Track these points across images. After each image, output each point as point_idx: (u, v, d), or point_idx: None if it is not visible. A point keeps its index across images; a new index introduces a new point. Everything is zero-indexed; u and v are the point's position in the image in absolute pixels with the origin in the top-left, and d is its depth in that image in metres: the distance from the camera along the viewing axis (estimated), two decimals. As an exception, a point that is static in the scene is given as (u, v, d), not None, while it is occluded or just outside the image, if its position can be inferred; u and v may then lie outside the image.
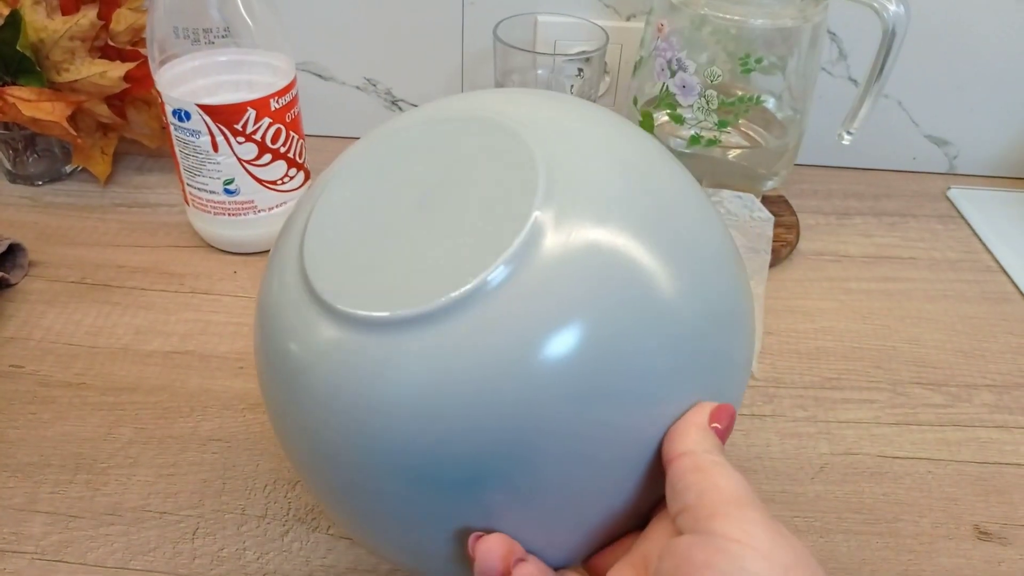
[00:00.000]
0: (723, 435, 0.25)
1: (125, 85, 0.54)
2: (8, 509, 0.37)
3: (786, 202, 0.60)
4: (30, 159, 0.59)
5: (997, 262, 0.57)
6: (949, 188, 0.64)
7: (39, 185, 0.59)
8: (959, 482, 0.41)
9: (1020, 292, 0.54)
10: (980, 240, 0.59)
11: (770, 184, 0.56)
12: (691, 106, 0.51)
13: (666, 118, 0.53)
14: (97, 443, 0.41)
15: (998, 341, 0.50)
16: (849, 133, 0.52)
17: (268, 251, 0.54)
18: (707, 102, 0.50)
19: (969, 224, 0.61)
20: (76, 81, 0.54)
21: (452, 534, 0.26)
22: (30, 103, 0.52)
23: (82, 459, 0.40)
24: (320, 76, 0.65)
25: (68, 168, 0.60)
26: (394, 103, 0.66)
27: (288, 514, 0.38)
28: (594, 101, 0.55)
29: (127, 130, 0.59)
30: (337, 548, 0.36)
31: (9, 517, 0.37)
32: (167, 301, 0.50)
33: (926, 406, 0.45)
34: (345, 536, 0.37)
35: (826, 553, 0.37)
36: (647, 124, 0.53)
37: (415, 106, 0.65)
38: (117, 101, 0.57)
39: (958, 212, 0.62)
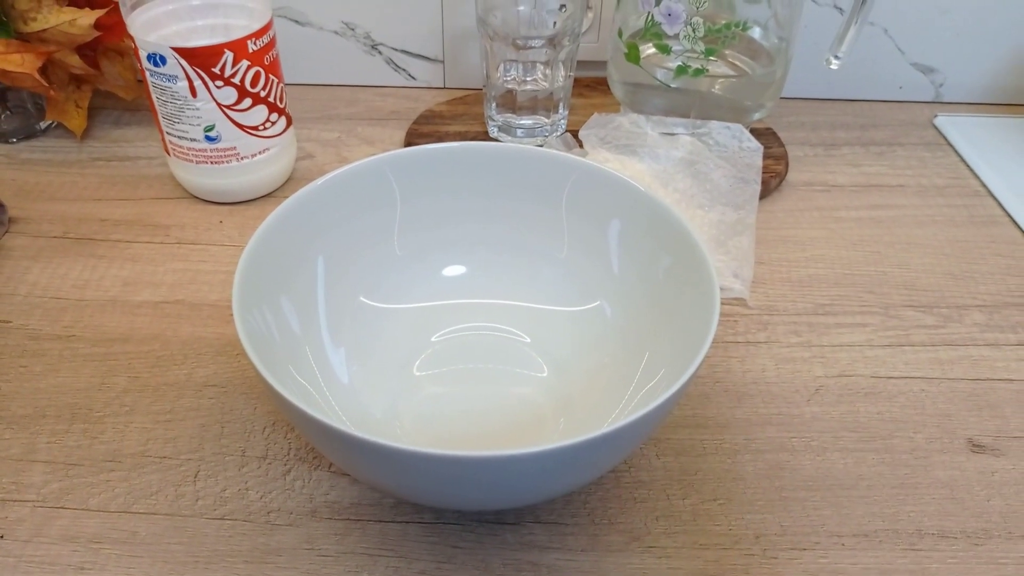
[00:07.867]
0: None
1: (96, 33, 0.52)
2: (6, 460, 0.37)
3: (774, 134, 0.60)
4: (2, 116, 0.57)
5: (984, 187, 0.57)
6: (936, 116, 0.64)
7: (13, 143, 0.58)
8: (952, 399, 0.42)
9: (1007, 215, 0.55)
10: (968, 166, 0.59)
11: (757, 116, 0.56)
12: (677, 35, 0.50)
13: (652, 49, 0.52)
14: (91, 393, 0.40)
15: (987, 263, 0.51)
16: (837, 58, 0.51)
17: (252, 200, 0.54)
18: (693, 30, 0.49)
19: (956, 151, 0.61)
20: (44, 31, 0.52)
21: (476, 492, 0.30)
22: (-1, 55, 0.51)
23: (77, 409, 0.39)
24: (297, 22, 0.63)
25: (43, 124, 0.59)
26: (374, 47, 0.64)
27: (289, 454, 0.38)
28: (578, 36, 0.54)
29: (101, 82, 0.57)
30: (339, 484, 0.36)
31: (8, 467, 0.37)
32: (153, 253, 0.49)
33: (918, 327, 0.46)
34: (347, 473, 0.37)
35: (823, 471, 0.38)
36: (633, 56, 0.52)
37: (395, 50, 0.64)
38: (89, 51, 0.55)
39: (945, 139, 0.62)
